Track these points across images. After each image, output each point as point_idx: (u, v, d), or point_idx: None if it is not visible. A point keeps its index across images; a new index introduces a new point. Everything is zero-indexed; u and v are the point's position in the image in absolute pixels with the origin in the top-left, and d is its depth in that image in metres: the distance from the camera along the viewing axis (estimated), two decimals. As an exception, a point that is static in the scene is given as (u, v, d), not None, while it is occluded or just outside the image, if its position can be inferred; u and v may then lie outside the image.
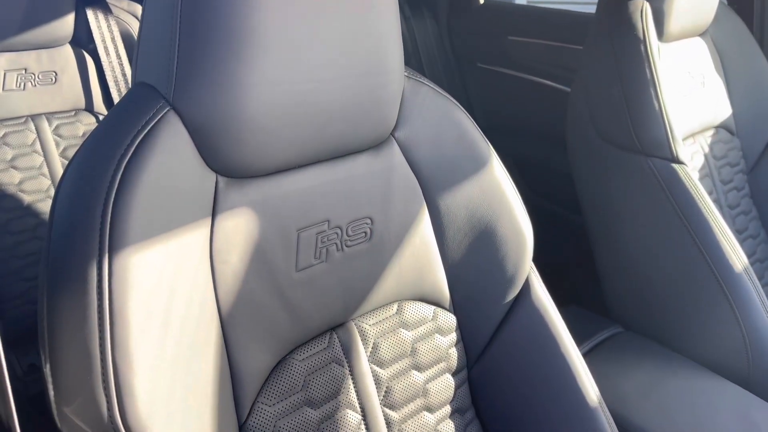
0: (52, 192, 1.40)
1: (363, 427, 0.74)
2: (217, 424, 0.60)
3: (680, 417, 0.93)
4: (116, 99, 1.49)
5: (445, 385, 0.83)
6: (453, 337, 0.85)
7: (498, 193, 0.85)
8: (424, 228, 0.81)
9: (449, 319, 0.85)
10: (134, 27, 1.55)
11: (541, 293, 0.88)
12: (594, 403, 0.85)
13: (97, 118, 1.47)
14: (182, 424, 0.55)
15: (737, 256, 1.09)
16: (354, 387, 0.74)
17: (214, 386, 0.60)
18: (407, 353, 0.79)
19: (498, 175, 0.85)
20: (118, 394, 0.50)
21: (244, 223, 0.64)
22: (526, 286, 0.87)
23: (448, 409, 0.83)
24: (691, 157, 1.26)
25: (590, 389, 0.85)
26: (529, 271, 0.88)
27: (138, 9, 1.62)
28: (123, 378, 0.51)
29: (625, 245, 1.17)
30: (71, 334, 0.51)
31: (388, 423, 0.76)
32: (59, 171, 1.42)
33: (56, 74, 1.43)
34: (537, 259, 0.89)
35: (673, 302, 1.11)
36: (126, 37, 1.52)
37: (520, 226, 0.86)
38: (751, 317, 1.05)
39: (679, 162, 1.10)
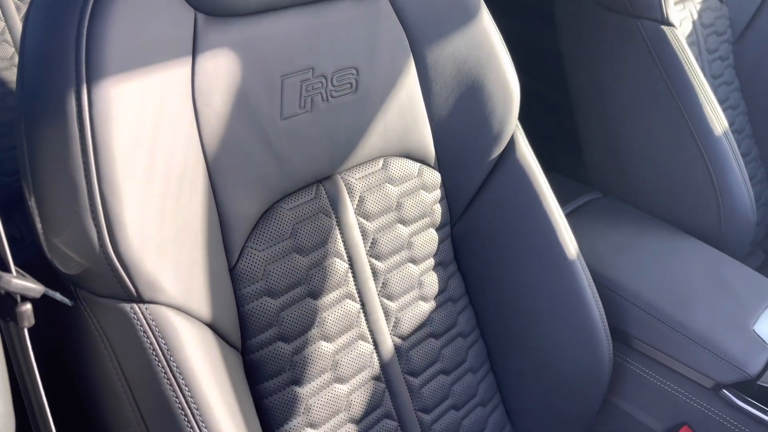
0: (17, 60, 1.33)
1: (350, 274, 0.76)
2: (208, 264, 0.61)
3: (653, 273, 0.97)
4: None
5: (428, 239, 0.84)
6: (437, 193, 0.86)
7: (487, 46, 0.83)
8: (410, 82, 0.79)
9: (434, 177, 0.85)
10: None
11: (526, 150, 0.88)
12: (572, 256, 0.87)
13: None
14: (175, 261, 0.56)
15: (718, 121, 1.09)
16: (341, 237, 0.75)
17: (203, 228, 0.61)
18: (393, 207, 0.80)
19: (487, 27, 0.83)
20: (108, 226, 0.50)
21: (226, 65, 0.62)
22: (511, 143, 0.87)
23: (431, 261, 0.85)
24: (680, 23, 1.24)
25: (569, 244, 0.88)
26: (514, 128, 0.87)
27: None
28: (112, 210, 0.50)
29: (609, 109, 1.17)
30: (55, 166, 0.50)
31: (374, 272, 0.78)
32: (22, 38, 1.34)
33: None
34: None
35: (652, 165, 1.13)
36: None
37: (507, 81, 0.84)
38: (726, 179, 1.08)
39: (669, 24, 1.08)
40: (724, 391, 0.86)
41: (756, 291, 0.96)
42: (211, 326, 0.60)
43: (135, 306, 0.53)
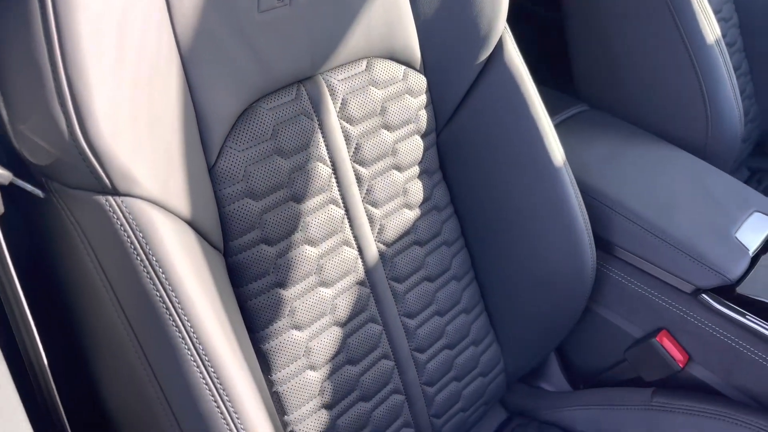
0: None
1: (333, 179, 0.75)
2: (186, 161, 0.59)
3: (638, 182, 0.97)
4: None
5: (413, 146, 0.83)
6: (423, 98, 0.83)
7: (475, -60, 0.78)
8: (394, -22, 0.75)
9: (420, 81, 0.82)
10: None
11: (514, 54, 0.85)
12: (559, 163, 0.87)
13: None
14: (151, 154, 0.54)
15: (712, 31, 1.07)
16: (324, 141, 0.73)
17: (179, 123, 0.58)
18: (377, 112, 0.78)
19: None
20: (77, 113, 0.48)
21: (198, -51, 0.58)
22: (500, 46, 0.84)
23: (416, 169, 0.84)
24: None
25: (556, 150, 0.87)
26: (503, 31, 0.84)
27: None
28: (80, 96, 0.48)
29: (603, 20, 1.14)
30: (17, 48, 0.47)
31: (358, 178, 0.77)
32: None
33: None
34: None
35: (642, 76, 1.11)
36: None
37: (495, -21, 0.81)
38: (717, 90, 1.06)
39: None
40: (704, 295, 0.87)
41: (740, 200, 0.96)
42: (191, 224, 0.59)
43: (110, 198, 0.51)
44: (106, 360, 0.59)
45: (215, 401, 0.54)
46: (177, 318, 0.53)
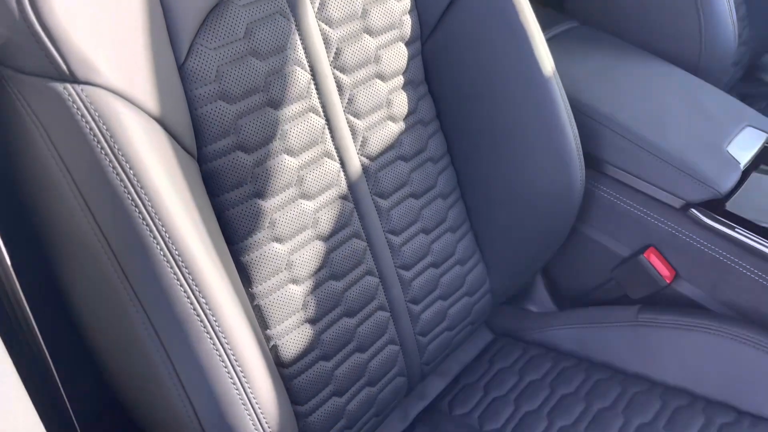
0: None
1: (312, 86, 0.71)
2: (152, 56, 0.55)
3: (629, 97, 0.94)
4: None
5: (397, 54, 0.79)
6: (407, 2, 0.79)
7: None
8: None
9: (403, -16, 0.78)
10: None
11: (503, -45, 0.80)
12: (549, 73, 0.83)
13: None
14: (112, 41, 0.50)
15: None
16: (301, 43, 0.69)
17: (145, 15, 0.54)
18: (358, 14, 0.74)
19: None
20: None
21: None
22: (488, -54, 0.80)
23: (401, 79, 0.80)
24: None
25: (546, 61, 0.83)
26: (491, -71, 0.80)
27: None
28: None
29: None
30: None
31: (339, 86, 0.73)
32: None
33: None
34: None
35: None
36: None
37: None
38: (712, 4, 1.03)
39: None
40: (693, 210, 0.86)
41: (732, 114, 0.94)
42: (161, 123, 0.55)
43: (69, 86, 0.47)
44: (75, 263, 0.56)
45: (192, 305, 0.52)
46: (148, 216, 0.50)
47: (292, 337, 0.71)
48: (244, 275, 0.67)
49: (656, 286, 0.91)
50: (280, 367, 0.70)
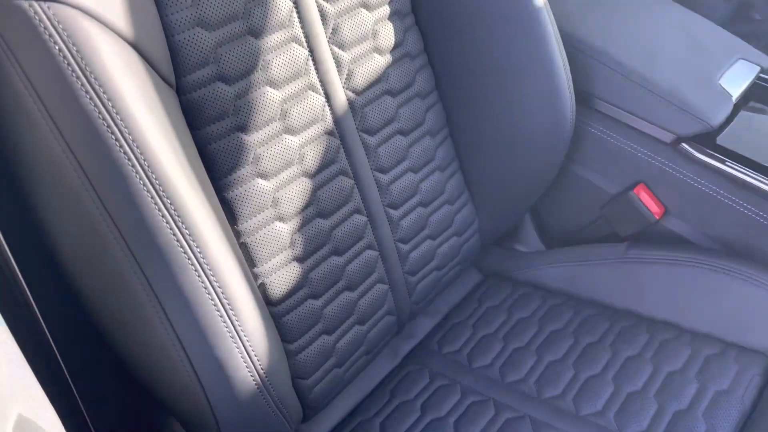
0: None
1: (294, 14, 0.68)
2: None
3: (621, 31, 0.92)
4: None
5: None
6: (393, -72, 0.75)
7: None
8: None
9: None
10: None
11: None
12: (539, 5, 0.80)
13: None
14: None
15: None
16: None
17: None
18: (342, -57, 0.70)
19: None
20: None
21: None
22: None
23: (386, 9, 0.77)
24: None
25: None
26: None
27: None
28: None
29: None
30: None
31: (323, 15, 0.70)
32: None
33: None
34: None
35: None
36: None
37: None
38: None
39: None
40: (684, 144, 0.85)
41: (725, 47, 0.92)
42: (136, 48, 0.52)
43: (34, 3, 0.44)
44: (53, 197, 0.54)
45: (174, 235, 0.51)
46: (125, 143, 0.48)
47: (280, 275, 0.70)
48: (229, 212, 0.66)
49: (645, 223, 0.90)
50: (268, 305, 0.69)
